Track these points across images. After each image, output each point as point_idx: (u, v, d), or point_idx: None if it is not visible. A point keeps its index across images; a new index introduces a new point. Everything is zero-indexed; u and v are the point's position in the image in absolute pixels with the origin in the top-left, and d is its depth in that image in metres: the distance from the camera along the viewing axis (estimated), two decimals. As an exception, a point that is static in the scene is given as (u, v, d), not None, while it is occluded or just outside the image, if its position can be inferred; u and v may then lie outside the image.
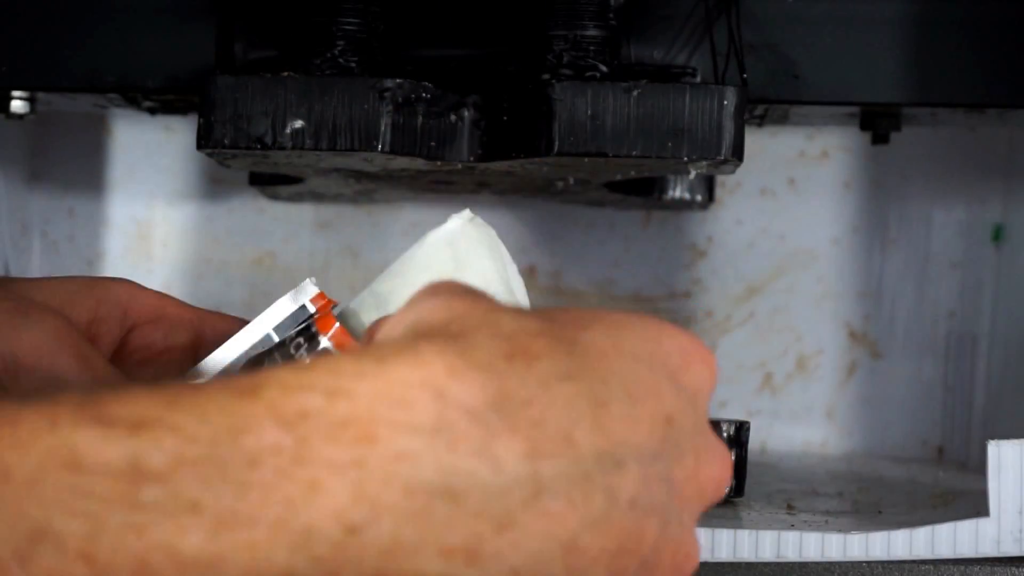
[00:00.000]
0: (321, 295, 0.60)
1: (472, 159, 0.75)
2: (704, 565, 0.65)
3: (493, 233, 0.56)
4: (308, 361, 0.40)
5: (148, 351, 0.62)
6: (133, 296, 0.62)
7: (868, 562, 0.65)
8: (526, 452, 0.40)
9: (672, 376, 0.45)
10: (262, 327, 0.60)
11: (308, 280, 0.61)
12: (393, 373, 0.39)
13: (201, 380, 0.60)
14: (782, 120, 0.85)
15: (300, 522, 0.37)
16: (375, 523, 0.37)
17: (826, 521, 0.70)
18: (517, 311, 0.45)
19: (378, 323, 0.50)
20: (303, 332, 0.60)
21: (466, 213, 0.57)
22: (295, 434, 0.37)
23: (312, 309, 0.60)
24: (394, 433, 0.38)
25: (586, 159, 0.73)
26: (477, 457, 0.39)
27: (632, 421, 0.43)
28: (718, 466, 0.46)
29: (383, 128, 0.72)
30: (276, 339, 0.60)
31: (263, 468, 0.37)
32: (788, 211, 1.05)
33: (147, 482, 0.36)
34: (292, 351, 0.60)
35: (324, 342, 0.59)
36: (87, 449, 0.36)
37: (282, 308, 0.60)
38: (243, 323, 0.62)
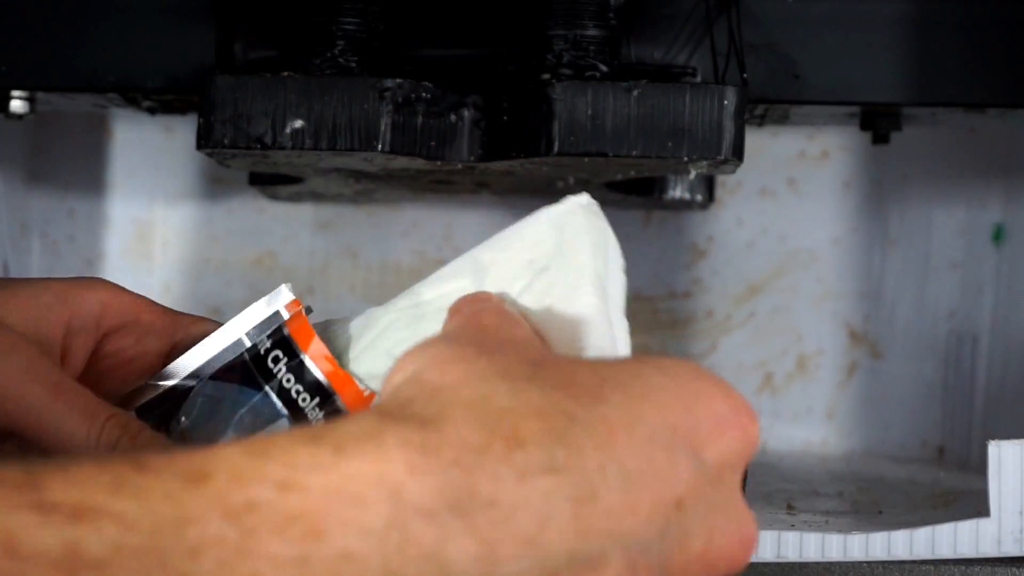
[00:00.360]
0: (295, 302, 0.60)
1: (472, 159, 0.75)
2: (704, 565, 0.65)
3: (604, 225, 0.54)
4: (265, 439, 0.38)
5: (119, 357, 0.61)
6: (106, 303, 0.61)
7: (868, 562, 0.65)
8: (480, 556, 0.39)
9: (696, 450, 0.44)
10: (234, 332, 0.60)
11: (284, 285, 0.60)
12: (350, 467, 0.38)
13: (169, 382, 0.59)
14: (782, 120, 0.85)
15: None
16: None
17: (826, 521, 0.70)
18: (521, 377, 0.43)
19: (464, 298, 0.50)
20: (279, 344, 0.59)
21: (583, 198, 0.55)
22: (241, 526, 0.37)
23: (286, 315, 0.60)
24: (342, 532, 0.37)
25: (586, 159, 0.73)
26: (426, 561, 0.38)
27: (626, 511, 0.41)
28: (734, 545, 0.44)
29: (383, 128, 0.72)
30: (248, 344, 0.59)
31: (205, 559, 0.36)
32: (788, 211, 1.04)
33: (85, 570, 0.35)
34: (270, 365, 0.59)
35: (307, 362, 0.58)
36: (24, 535, 0.35)
37: (256, 313, 0.60)
38: (220, 327, 0.61)
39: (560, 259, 0.53)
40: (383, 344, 0.57)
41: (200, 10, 0.79)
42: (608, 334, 0.51)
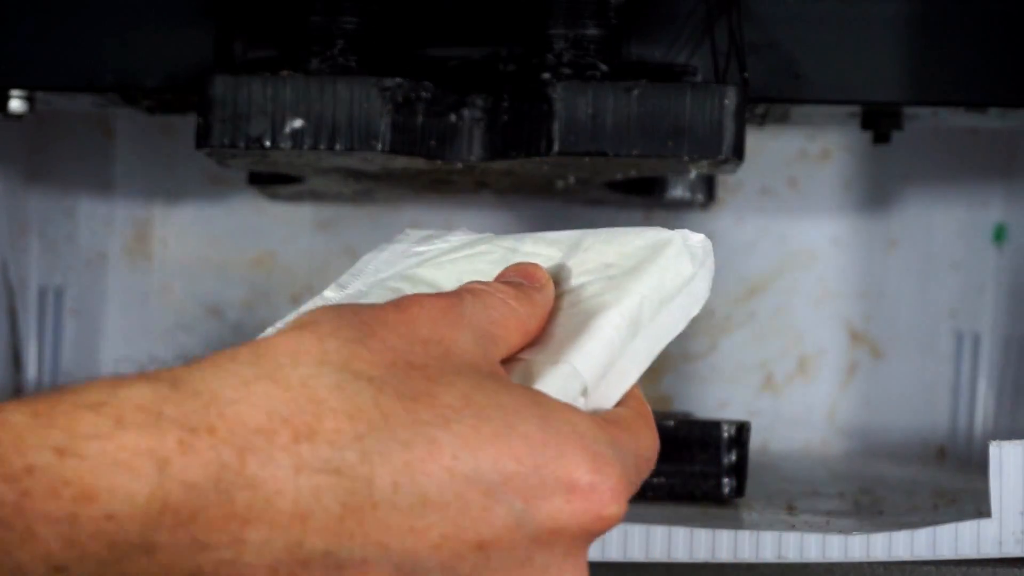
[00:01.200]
0: None
1: (472, 159, 0.75)
2: (705, 566, 0.65)
3: (691, 270, 0.54)
4: (51, 401, 0.41)
5: None
6: None
7: (869, 563, 0.65)
8: (230, 532, 0.41)
9: (526, 506, 0.44)
10: None
11: None
12: (125, 437, 0.40)
13: None
14: (783, 119, 0.85)
15: (12, 561, 0.40)
16: (80, 565, 0.40)
17: (827, 522, 0.70)
18: (365, 375, 0.44)
19: (512, 268, 0.53)
20: None
21: (695, 237, 0.54)
22: (19, 487, 0.39)
23: None
24: (110, 496, 0.40)
25: (586, 158, 0.72)
26: (179, 528, 0.41)
27: (407, 532, 0.42)
28: None
29: (383, 128, 0.72)
30: None
31: None
32: (788, 211, 1.04)
33: None
34: None
35: None
36: None
37: None
38: None
39: (626, 278, 0.53)
40: (462, 266, 0.58)
41: (200, 10, 0.79)
42: (599, 363, 0.51)
